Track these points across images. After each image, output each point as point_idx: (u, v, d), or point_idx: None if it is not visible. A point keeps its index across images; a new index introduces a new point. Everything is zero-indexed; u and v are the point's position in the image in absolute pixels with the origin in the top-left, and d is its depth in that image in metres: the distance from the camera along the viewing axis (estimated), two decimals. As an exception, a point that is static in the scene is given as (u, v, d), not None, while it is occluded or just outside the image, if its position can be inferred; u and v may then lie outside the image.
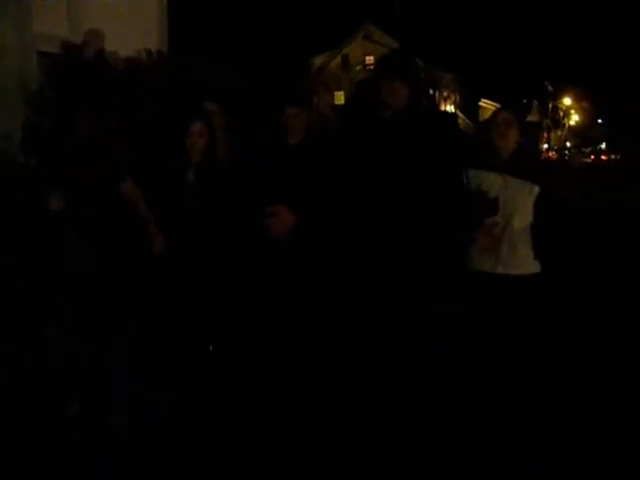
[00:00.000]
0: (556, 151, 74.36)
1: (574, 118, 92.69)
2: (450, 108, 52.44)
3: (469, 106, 56.92)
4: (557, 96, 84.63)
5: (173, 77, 6.14)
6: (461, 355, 4.28)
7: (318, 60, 45.51)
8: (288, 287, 4.38)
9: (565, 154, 74.47)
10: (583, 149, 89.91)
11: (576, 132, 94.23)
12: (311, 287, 4.34)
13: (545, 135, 77.59)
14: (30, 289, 5.11)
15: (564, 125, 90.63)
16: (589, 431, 4.53)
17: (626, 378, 5.34)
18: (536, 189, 4.22)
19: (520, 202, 4.21)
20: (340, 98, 31.82)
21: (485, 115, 50.54)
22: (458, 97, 58.76)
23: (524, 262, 4.24)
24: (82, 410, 4.74)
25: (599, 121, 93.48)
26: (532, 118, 69.79)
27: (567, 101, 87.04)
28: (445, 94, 55.14)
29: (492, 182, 4.24)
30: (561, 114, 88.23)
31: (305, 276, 4.33)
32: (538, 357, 4.35)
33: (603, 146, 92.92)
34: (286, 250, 4.34)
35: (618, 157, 70.77)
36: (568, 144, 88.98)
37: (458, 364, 4.30)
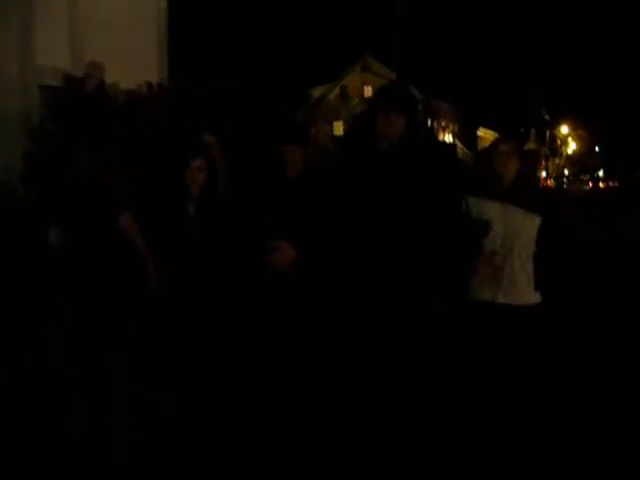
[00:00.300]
0: (554, 179, 74.66)
1: (572, 146, 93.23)
2: (448, 138, 52.69)
3: (467, 135, 57.19)
4: (554, 124, 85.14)
5: (173, 110, 6.19)
6: (460, 378, 4.29)
7: (317, 91, 45.76)
8: (289, 301, 4.39)
9: (563, 182, 74.81)
10: (581, 177, 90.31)
11: (574, 160, 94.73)
12: (311, 301, 4.35)
13: (543, 163, 77.84)
14: (26, 320, 5.11)
15: (562, 153, 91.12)
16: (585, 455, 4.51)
17: (625, 407, 5.30)
18: (537, 219, 4.21)
19: (521, 231, 4.20)
20: (339, 129, 32.01)
21: (483, 144, 50.74)
22: (456, 127, 59.06)
23: (524, 292, 4.22)
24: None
25: (596, 149, 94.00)
26: (530, 146, 70.10)
27: (564, 129, 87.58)
28: (443, 124, 55.43)
29: (492, 211, 4.23)
30: (559, 142, 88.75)
31: (305, 292, 4.34)
32: (537, 386, 4.32)
33: (601, 174, 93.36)
34: (288, 280, 4.36)
35: (616, 184, 71.07)
36: (566, 172, 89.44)
37: (458, 381, 4.30)
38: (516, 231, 4.19)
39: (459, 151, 35.61)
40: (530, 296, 4.24)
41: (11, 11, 8.13)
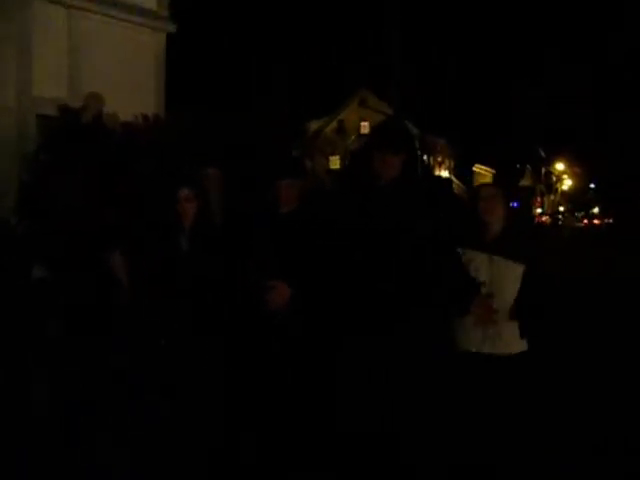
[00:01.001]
0: (549, 215, 74.96)
1: (567, 183, 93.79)
2: (444, 173, 52.98)
3: (463, 171, 57.51)
4: (550, 161, 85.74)
5: (167, 142, 6.20)
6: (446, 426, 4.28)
7: (314, 125, 46.12)
8: (285, 343, 4.39)
9: (558, 218, 75.11)
10: (576, 213, 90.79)
11: (569, 197, 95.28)
12: (307, 344, 4.35)
13: (539, 200, 78.28)
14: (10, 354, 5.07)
15: (557, 190, 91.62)
16: None
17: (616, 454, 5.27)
18: (521, 268, 4.18)
19: (506, 281, 4.18)
20: (335, 163, 32.22)
21: (480, 180, 51.02)
22: (452, 162, 59.42)
23: (510, 341, 4.18)
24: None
25: (591, 186, 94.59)
26: (525, 182, 70.53)
27: (560, 166, 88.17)
28: (439, 159, 55.78)
29: (478, 261, 4.22)
30: (554, 179, 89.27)
31: (301, 335, 4.34)
32: (523, 435, 4.29)
33: (596, 210, 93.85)
34: (283, 319, 4.37)
35: (610, 221, 71.43)
36: (561, 208, 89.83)
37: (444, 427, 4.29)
38: (502, 280, 4.18)
39: (455, 187, 35.76)
40: (516, 345, 4.21)
41: (10, 41, 8.18)
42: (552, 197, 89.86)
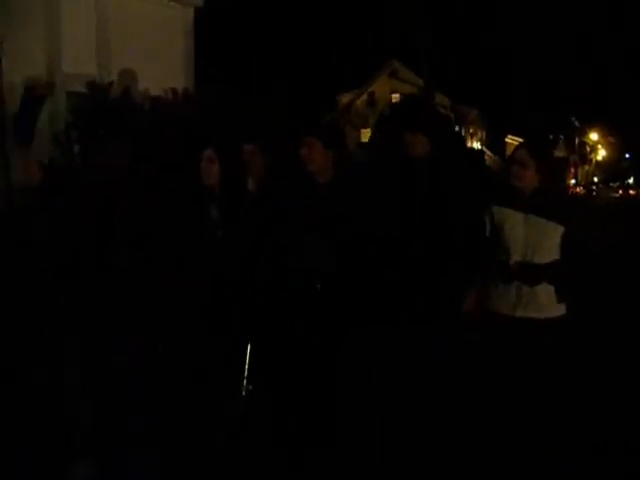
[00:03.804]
0: (584, 186, 73.93)
1: (601, 153, 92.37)
2: (476, 144, 52.43)
3: (495, 142, 56.87)
4: (584, 131, 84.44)
5: (197, 117, 6.18)
6: (477, 390, 4.25)
7: (344, 98, 45.73)
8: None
9: (593, 189, 74.06)
10: (611, 184, 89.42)
11: (603, 167, 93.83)
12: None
13: (572, 170, 77.19)
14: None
15: (591, 160, 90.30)
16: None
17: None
18: (560, 228, 4.09)
19: (542, 241, 4.08)
20: (366, 136, 31.94)
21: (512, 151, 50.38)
22: (484, 133, 58.78)
23: (546, 304, 4.10)
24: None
25: (626, 156, 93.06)
26: (559, 153, 69.58)
27: (594, 136, 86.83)
28: (471, 130, 55.18)
29: (514, 220, 4.15)
30: (588, 149, 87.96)
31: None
32: (558, 401, 4.23)
33: (631, 181, 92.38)
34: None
35: (647, 192, 70.35)
36: (595, 179, 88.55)
37: (474, 393, 4.27)
38: (537, 241, 4.08)
39: (487, 158, 35.41)
40: (552, 308, 4.13)
41: (39, 19, 8.20)
42: (586, 167, 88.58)
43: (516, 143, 5.06)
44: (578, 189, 68.48)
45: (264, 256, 4.48)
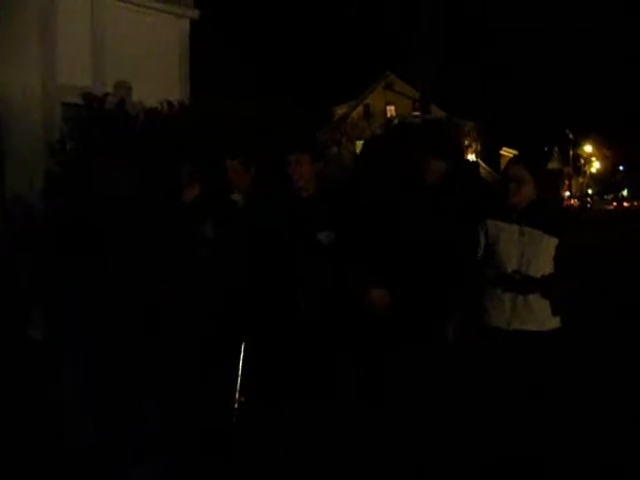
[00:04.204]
0: (578, 198, 74.13)
1: (595, 165, 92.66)
2: (471, 157, 52.56)
3: (490, 155, 57.00)
4: (578, 143, 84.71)
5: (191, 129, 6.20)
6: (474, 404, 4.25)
7: (340, 110, 45.90)
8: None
9: (587, 201, 74.27)
10: (605, 196, 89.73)
11: (597, 179, 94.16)
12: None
13: (567, 183, 77.40)
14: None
15: (585, 172, 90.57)
16: None
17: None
18: (555, 240, 4.09)
19: (537, 254, 4.06)
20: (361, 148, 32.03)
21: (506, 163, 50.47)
22: (479, 145, 58.94)
23: (541, 317, 4.07)
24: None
25: (620, 168, 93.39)
26: (553, 165, 69.75)
27: (588, 148, 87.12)
28: (466, 143, 55.31)
29: (509, 233, 4.13)
30: (582, 162, 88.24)
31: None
32: (554, 413, 4.23)
33: (625, 193, 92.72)
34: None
35: (640, 204, 70.59)
36: (590, 191, 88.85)
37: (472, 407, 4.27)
38: (532, 254, 4.07)
39: (482, 170, 35.41)
40: (547, 321, 4.11)
41: (34, 31, 8.21)
42: (580, 180, 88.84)
43: (510, 155, 5.09)
44: (572, 201, 68.69)
45: (256, 269, 4.51)
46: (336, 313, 4.35)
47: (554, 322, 4.13)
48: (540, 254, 4.08)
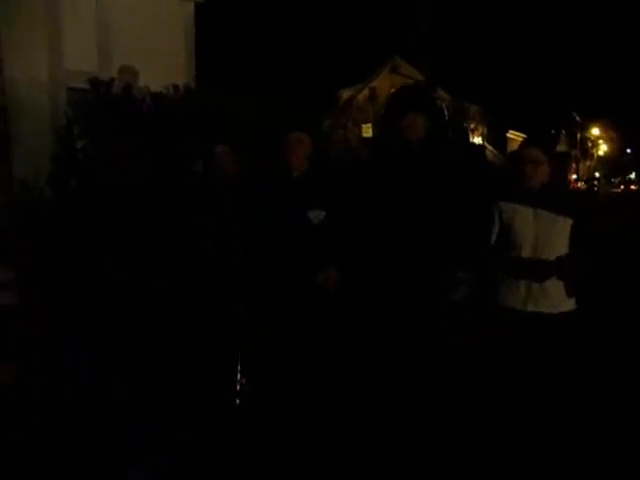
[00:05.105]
0: (585, 182, 73.75)
1: (602, 148, 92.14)
2: (477, 140, 52.33)
3: (496, 138, 56.74)
4: (585, 126, 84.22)
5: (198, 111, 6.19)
6: (490, 385, 4.23)
7: (346, 93, 45.68)
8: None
9: (594, 184, 73.90)
10: (612, 179, 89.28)
11: (605, 162, 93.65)
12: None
13: (574, 166, 77.02)
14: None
15: (592, 155, 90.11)
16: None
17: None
18: (569, 221, 4.10)
19: (552, 236, 4.08)
20: (367, 131, 31.89)
21: (513, 146, 50.30)
22: (485, 129, 58.65)
23: (556, 299, 4.09)
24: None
25: (628, 151, 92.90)
26: (560, 148, 69.38)
27: (595, 131, 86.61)
28: (472, 126, 55.06)
29: (523, 215, 4.14)
30: (589, 144, 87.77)
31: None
32: (569, 396, 4.22)
33: (632, 176, 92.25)
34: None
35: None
36: (597, 174, 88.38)
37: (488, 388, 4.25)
38: (546, 235, 4.08)
39: (489, 153, 35.27)
40: (563, 303, 4.12)
41: (40, 16, 8.20)
42: (588, 163, 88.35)
43: (517, 138, 5.06)
44: (579, 184, 68.37)
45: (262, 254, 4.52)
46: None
47: (569, 304, 4.13)
48: (555, 236, 4.07)
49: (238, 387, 4.71)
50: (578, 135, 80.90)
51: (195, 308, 4.82)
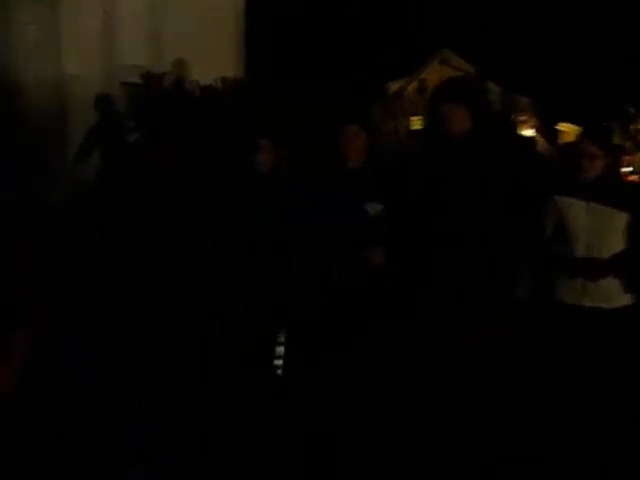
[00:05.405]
0: (639, 174, 72.23)
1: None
2: (529, 132, 51.66)
3: (548, 129, 55.94)
4: (639, 118, 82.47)
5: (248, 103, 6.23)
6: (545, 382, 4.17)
7: (395, 85, 45.47)
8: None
9: (648, 177, 72.38)
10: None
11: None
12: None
13: (626, 158, 75.47)
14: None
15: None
16: None
17: None
18: (625, 215, 4.01)
19: (606, 230, 4.01)
20: (417, 123, 31.72)
21: (564, 138, 49.43)
22: (536, 121, 57.88)
23: (613, 294, 4.02)
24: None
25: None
26: (614, 141, 67.91)
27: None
28: (522, 118, 54.34)
29: (576, 209, 4.07)
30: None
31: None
32: (628, 393, 4.14)
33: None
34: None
35: None
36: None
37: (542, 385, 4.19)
38: (600, 230, 4.02)
39: (540, 145, 34.76)
40: (620, 298, 4.05)
41: (93, 11, 8.35)
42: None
43: (568, 130, 4.97)
44: (633, 177, 67.04)
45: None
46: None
47: (625, 299, 4.06)
48: (610, 231, 3.99)
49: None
50: (631, 127, 79.32)
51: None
